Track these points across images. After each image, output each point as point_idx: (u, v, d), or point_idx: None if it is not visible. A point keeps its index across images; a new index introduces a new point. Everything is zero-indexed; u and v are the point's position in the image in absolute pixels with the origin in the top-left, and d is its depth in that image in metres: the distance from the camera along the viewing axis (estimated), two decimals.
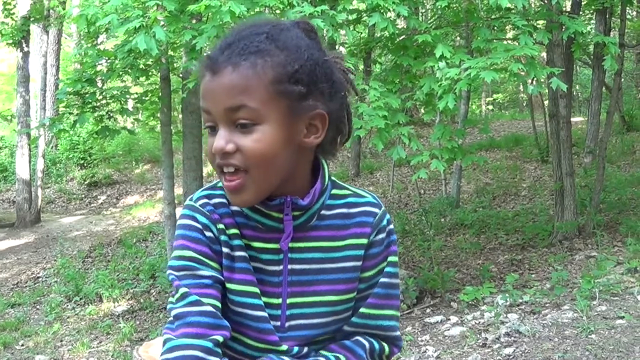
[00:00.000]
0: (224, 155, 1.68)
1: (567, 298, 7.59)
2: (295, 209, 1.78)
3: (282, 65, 1.71)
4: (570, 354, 5.79)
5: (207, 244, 1.79)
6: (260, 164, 1.69)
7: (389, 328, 1.90)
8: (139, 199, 20.99)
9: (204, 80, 1.73)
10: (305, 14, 7.64)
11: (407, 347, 6.93)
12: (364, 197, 1.90)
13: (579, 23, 8.84)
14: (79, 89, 9.76)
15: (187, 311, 1.74)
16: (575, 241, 10.49)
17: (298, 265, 1.82)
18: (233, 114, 1.67)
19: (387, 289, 1.88)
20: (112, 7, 8.14)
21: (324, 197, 1.84)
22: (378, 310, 1.87)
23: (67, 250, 15.09)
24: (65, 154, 23.13)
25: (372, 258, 1.86)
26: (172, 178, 11.58)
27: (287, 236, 1.78)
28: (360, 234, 1.85)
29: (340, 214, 1.85)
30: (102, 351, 8.94)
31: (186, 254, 1.79)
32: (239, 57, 1.69)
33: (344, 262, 1.83)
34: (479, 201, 15.21)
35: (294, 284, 1.82)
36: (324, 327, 1.84)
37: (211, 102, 1.70)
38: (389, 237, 1.89)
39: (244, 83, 1.68)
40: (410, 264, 10.93)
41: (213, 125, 1.71)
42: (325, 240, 1.83)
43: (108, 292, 11.23)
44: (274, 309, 1.82)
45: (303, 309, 1.82)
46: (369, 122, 7.74)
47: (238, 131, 1.68)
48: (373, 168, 19.57)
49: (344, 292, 1.83)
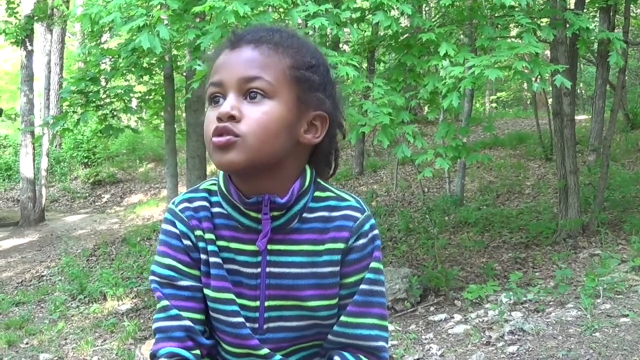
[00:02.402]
0: (227, 120, 1.68)
1: (571, 296, 7.59)
2: (274, 208, 1.77)
3: (301, 55, 1.77)
4: (574, 352, 5.78)
5: (186, 252, 1.82)
6: (259, 134, 1.69)
7: (369, 337, 1.83)
8: (142, 197, 21.03)
9: (221, 56, 1.76)
10: (309, 12, 7.64)
11: (410, 345, 6.92)
12: (347, 201, 1.86)
13: (583, 19, 8.82)
14: (83, 88, 9.76)
15: (168, 326, 1.80)
16: (580, 239, 10.48)
17: (277, 268, 1.80)
18: (246, 84, 1.70)
19: (367, 297, 1.83)
20: (115, 5, 8.15)
21: (306, 198, 1.82)
22: (357, 318, 1.82)
23: (71, 248, 15.10)
24: (69, 152, 23.20)
25: (352, 264, 1.82)
26: (176, 176, 11.60)
27: (264, 235, 1.77)
28: (338, 239, 1.81)
29: (321, 217, 1.83)
30: (106, 349, 8.94)
31: (167, 262, 1.82)
32: (262, 40, 1.75)
33: (323, 267, 1.80)
34: (482, 199, 15.19)
35: (272, 287, 1.80)
36: (303, 330, 1.83)
37: (226, 72, 1.72)
38: (372, 242, 1.85)
39: (264, 60, 1.73)
40: (414, 262, 10.93)
41: (218, 97, 1.73)
42: (306, 243, 1.81)
43: (112, 291, 11.23)
44: (252, 312, 1.81)
45: (282, 312, 1.81)
46: (374, 119, 7.74)
47: (247, 102, 1.70)
48: (377, 166, 19.56)
49: (323, 297, 1.81)
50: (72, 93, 9.92)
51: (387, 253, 11.63)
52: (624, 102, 18.99)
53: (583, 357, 5.68)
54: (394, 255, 11.53)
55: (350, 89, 8.00)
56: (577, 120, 12.68)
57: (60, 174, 22.59)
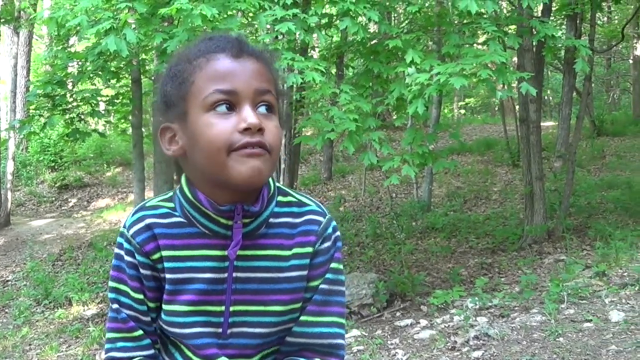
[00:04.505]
0: (257, 133, 1.67)
1: (536, 301, 7.64)
2: (246, 216, 1.77)
3: (279, 75, 1.82)
4: (538, 357, 5.82)
5: (142, 281, 1.82)
6: (276, 149, 1.71)
7: (328, 335, 1.85)
8: (110, 202, 20.89)
9: (221, 61, 1.72)
10: (277, 17, 7.65)
11: (376, 350, 6.94)
12: (308, 206, 1.88)
13: (549, 27, 8.91)
14: (50, 91, 9.70)
15: (131, 346, 1.84)
16: (545, 245, 10.57)
17: (244, 273, 1.80)
18: (260, 96, 1.70)
19: (326, 296, 1.85)
20: (82, 8, 8.10)
21: (272, 204, 1.83)
22: (316, 317, 1.84)
23: (36, 253, 14.97)
24: (35, 156, 22.97)
25: (318, 267, 1.84)
26: (143, 181, 11.54)
27: (236, 244, 1.76)
28: (305, 243, 1.83)
29: (286, 223, 1.84)
30: (71, 355, 8.87)
31: (125, 289, 1.83)
32: (261, 55, 1.76)
33: (291, 271, 1.81)
34: (450, 205, 15.28)
35: (238, 292, 1.80)
36: (268, 336, 1.83)
37: (239, 82, 1.69)
38: (335, 244, 1.87)
39: (268, 74, 1.75)
40: (381, 268, 10.96)
41: (227, 105, 1.69)
42: (273, 248, 1.81)
43: (78, 296, 11.15)
44: (216, 317, 1.81)
45: (247, 317, 1.81)
46: (340, 125, 7.76)
47: (261, 114, 1.70)
48: (345, 171, 19.60)
49: (290, 302, 1.82)
50: (38, 96, 9.86)
51: (355, 258, 11.65)
52: (590, 109, 19.20)
53: None
54: (361, 260, 11.55)
55: (318, 94, 8.02)
56: (543, 127, 12.81)
57: (27, 177, 22.37)
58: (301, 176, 18.08)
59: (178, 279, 1.79)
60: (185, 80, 1.73)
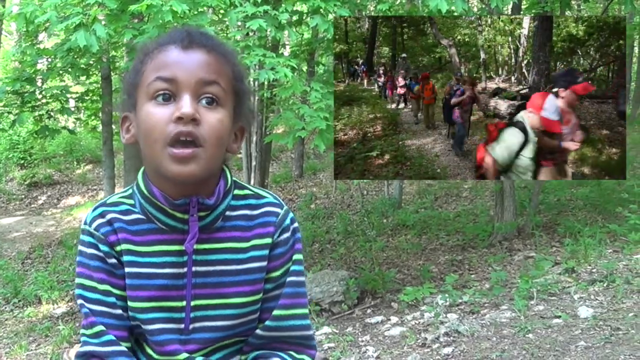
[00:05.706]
0: (190, 123, 1.66)
1: (506, 298, 7.69)
2: (201, 209, 1.78)
3: (238, 69, 1.81)
4: (507, 353, 5.86)
5: (110, 272, 1.81)
6: (215, 143, 1.70)
7: (302, 327, 1.89)
8: (80, 199, 20.74)
9: (170, 52, 1.73)
10: (247, 14, 7.63)
11: (347, 347, 6.95)
12: (264, 198, 1.90)
13: None
14: (18, 88, 9.60)
15: (107, 351, 1.78)
16: (515, 242, 10.63)
17: (203, 267, 1.81)
18: (203, 87, 1.69)
19: (296, 288, 1.89)
20: (51, 4, 8.03)
21: (229, 197, 1.84)
22: (290, 310, 1.87)
23: (5, 251, 14.85)
24: (4, 153, 22.73)
25: (278, 258, 1.86)
26: (113, 178, 11.50)
27: (192, 237, 1.78)
28: (264, 234, 1.85)
29: (243, 215, 1.85)
30: (41, 354, 8.81)
31: (92, 285, 1.81)
32: (214, 47, 1.75)
33: (249, 263, 1.83)
34: (421, 202, 15.33)
35: (198, 286, 1.81)
36: (230, 329, 1.85)
37: (181, 71, 1.69)
38: (294, 235, 1.90)
39: (219, 66, 1.74)
40: (351, 265, 10.98)
41: (168, 95, 1.69)
42: (230, 241, 1.83)
43: (47, 294, 11.08)
44: (178, 312, 1.82)
45: (208, 311, 1.82)
46: (311, 124, 7.76)
47: (202, 106, 1.69)
48: (316, 169, 19.60)
49: (250, 293, 1.83)
50: (7, 93, 9.75)
51: (325, 256, 11.67)
52: None
53: (516, 358, 5.76)
54: (332, 257, 11.56)
55: (289, 92, 8.01)
56: None
57: None
58: (272, 174, 18.06)
59: (137, 273, 1.79)
60: (139, 71, 1.76)
